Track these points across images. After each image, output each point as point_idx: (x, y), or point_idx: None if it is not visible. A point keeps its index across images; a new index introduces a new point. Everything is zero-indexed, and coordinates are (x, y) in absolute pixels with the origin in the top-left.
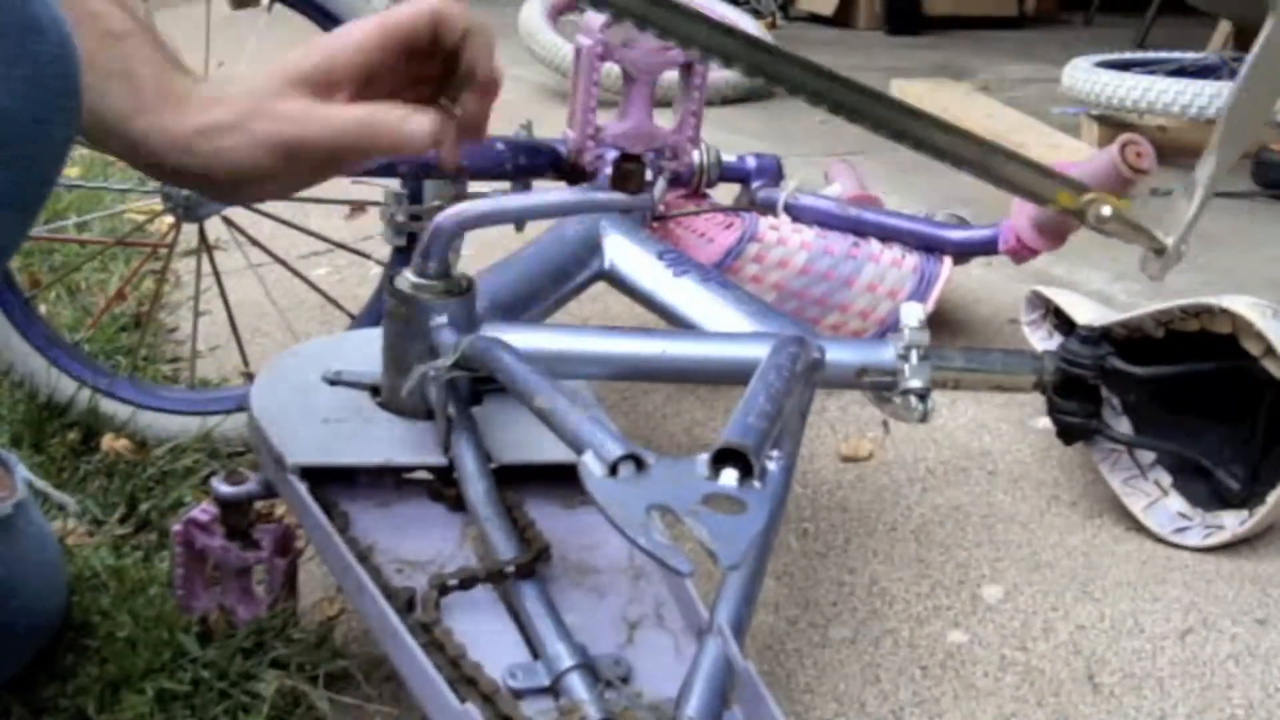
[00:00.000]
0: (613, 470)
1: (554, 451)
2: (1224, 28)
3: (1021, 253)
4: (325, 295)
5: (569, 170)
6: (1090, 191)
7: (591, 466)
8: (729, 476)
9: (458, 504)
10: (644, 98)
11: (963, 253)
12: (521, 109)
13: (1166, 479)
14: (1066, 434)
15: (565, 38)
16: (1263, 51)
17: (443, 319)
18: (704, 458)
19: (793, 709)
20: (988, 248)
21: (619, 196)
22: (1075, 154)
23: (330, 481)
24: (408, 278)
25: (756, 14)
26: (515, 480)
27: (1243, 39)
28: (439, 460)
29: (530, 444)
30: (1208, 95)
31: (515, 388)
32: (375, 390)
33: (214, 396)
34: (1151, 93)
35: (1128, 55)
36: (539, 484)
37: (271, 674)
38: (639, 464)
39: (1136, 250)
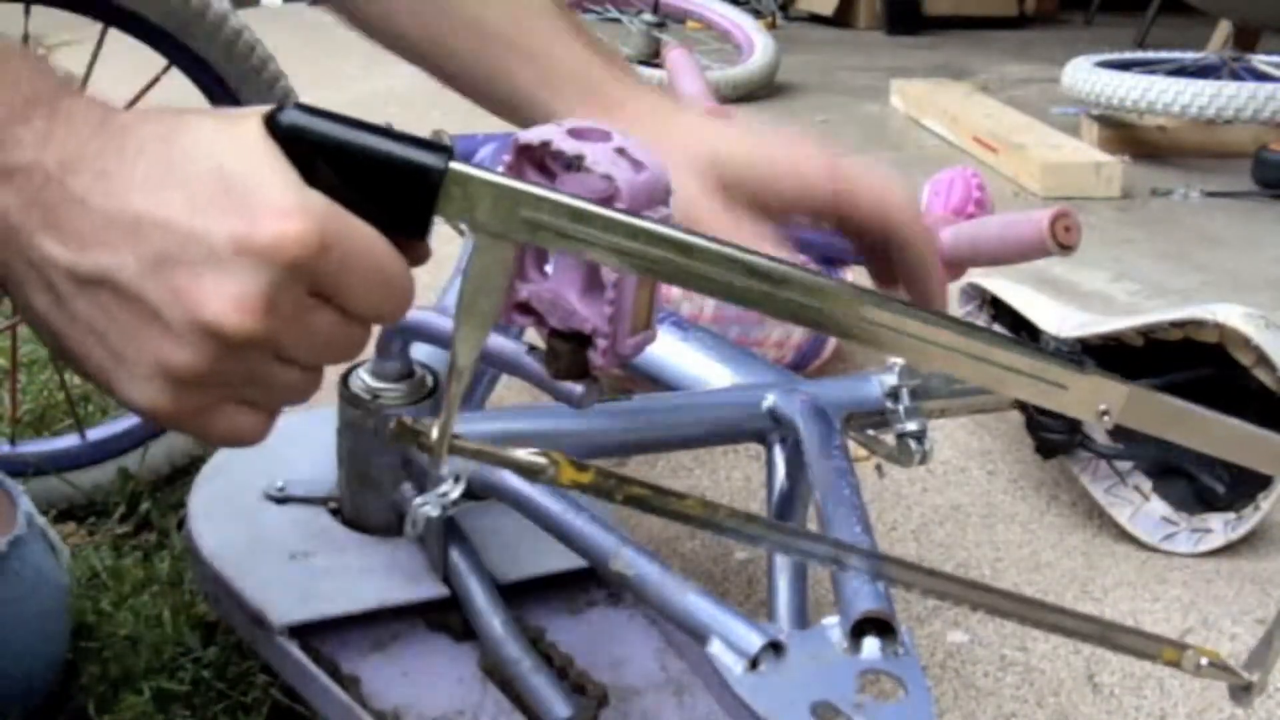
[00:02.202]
0: (753, 664)
1: (557, 560)
2: (1224, 28)
3: None
4: None
5: None
6: (1190, 646)
7: (727, 660)
8: (872, 647)
9: (463, 632)
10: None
11: (862, 263)
12: None
13: (1146, 484)
14: (1046, 450)
15: None
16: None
17: None
18: (834, 625)
19: None
20: None
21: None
22: (1075, 154)
23: (315, 629)
24: (364, 380)
25: (757, 14)
26: (515, 592)
27: (1243, 39)
28: (439, 591)
29: (528, 555)
30: (1208, 95)
31: (578, 546)
32: (330, 505)
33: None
34: (1151, 93)
35: (1128, 55)
36: (537, 589)
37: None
38: (775, 648)
39: (1137, 250)
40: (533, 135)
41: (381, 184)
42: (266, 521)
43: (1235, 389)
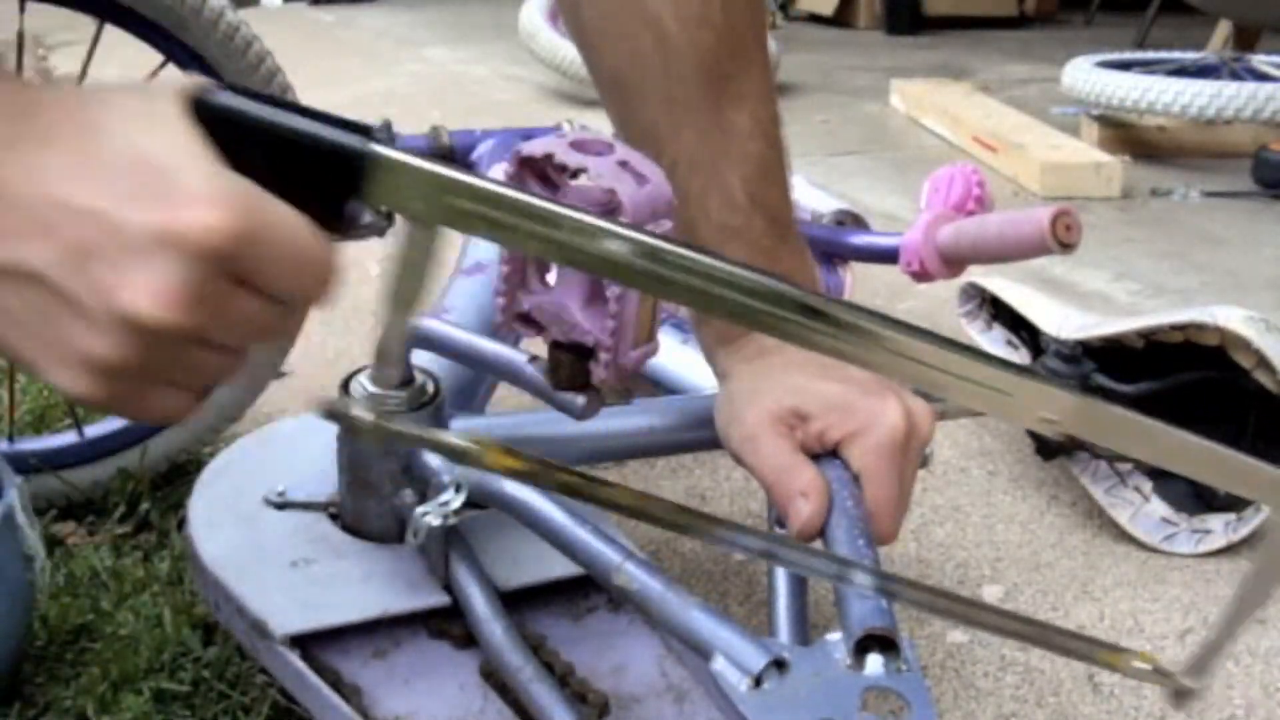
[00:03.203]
0: (756, 682)
1: (558, 567)
2: (1224, 28)
3: (922, 276)
4: None
5: None
6: (1126, 650)
7: (730, 678)
8: (875, 663)
9: (464, 640)
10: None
11: (861, 260)
12: (521, 109)
13: (1146, 484)
14: (1046, 451)
15: (565, 38)
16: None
17: None
18: (837, 641)
19: None
20: (888, 258)
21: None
22: (1075, 154)
23: (315, 637)
24: (365, 387)
25: None
26: (515, 598)
27: (1243, 39)
28: (440, 599)
29: (530, 562)
30: (1207, 95)
31: (580, 559)
32: (330, 511)
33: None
34: (1151, 93)
35: (1128, 55)
36: (538, 596)
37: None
38: (778, 665)
39: (1137, 250)
40: (535, 147)
41: (304, 167)
42: (267, 528)
43: (1235, 391)
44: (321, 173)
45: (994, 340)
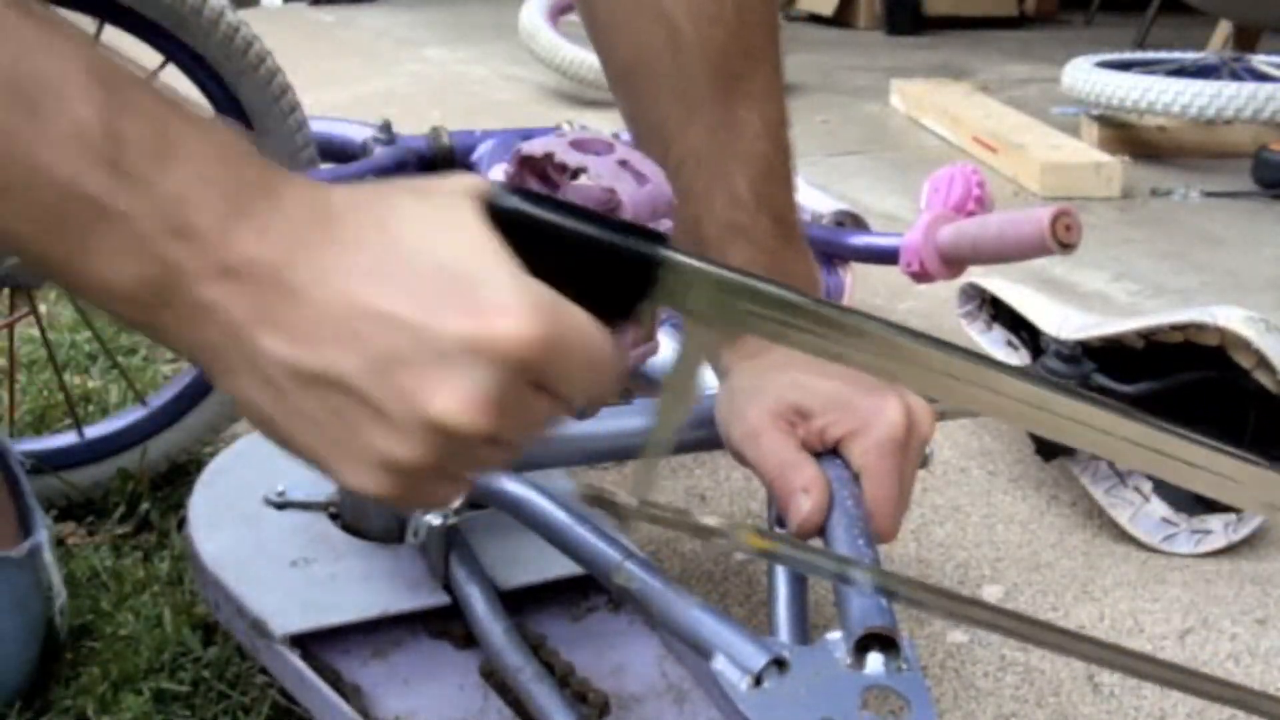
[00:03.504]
0: (756, 680)
1: (558, 567)
2: (1224, 28)
3: (922, 276)
4: None
5: None
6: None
7: (730, 677)
8: (875, 662)
9: (464, 640)
10: None
11: (861, 260)
12: (522, 109)
13: (1146, 484)
14: (1046, 451)
15: (565, 38)
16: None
17: None
18: (838, 641)
19: None
20: (888, 258)
21: None
22: (1075, 154)
23: (315, 637)
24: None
25: None
26: (515, 598)
27: (1243, 39)
28: (440, 599)
29: (530, 561)
30: (1208, 95)
31: (581, 558)
32: (330, 510)
33: None
34: (1151, 93)
35: (1128, 55)
36: (538, 596)
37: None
38: (779, 664)
39: (1137, 250)
40: (535, 146)
41: (596, 269)
42: (266, 527)
43: (1235, 391)
44: (613, 275)
45: (994, 341)
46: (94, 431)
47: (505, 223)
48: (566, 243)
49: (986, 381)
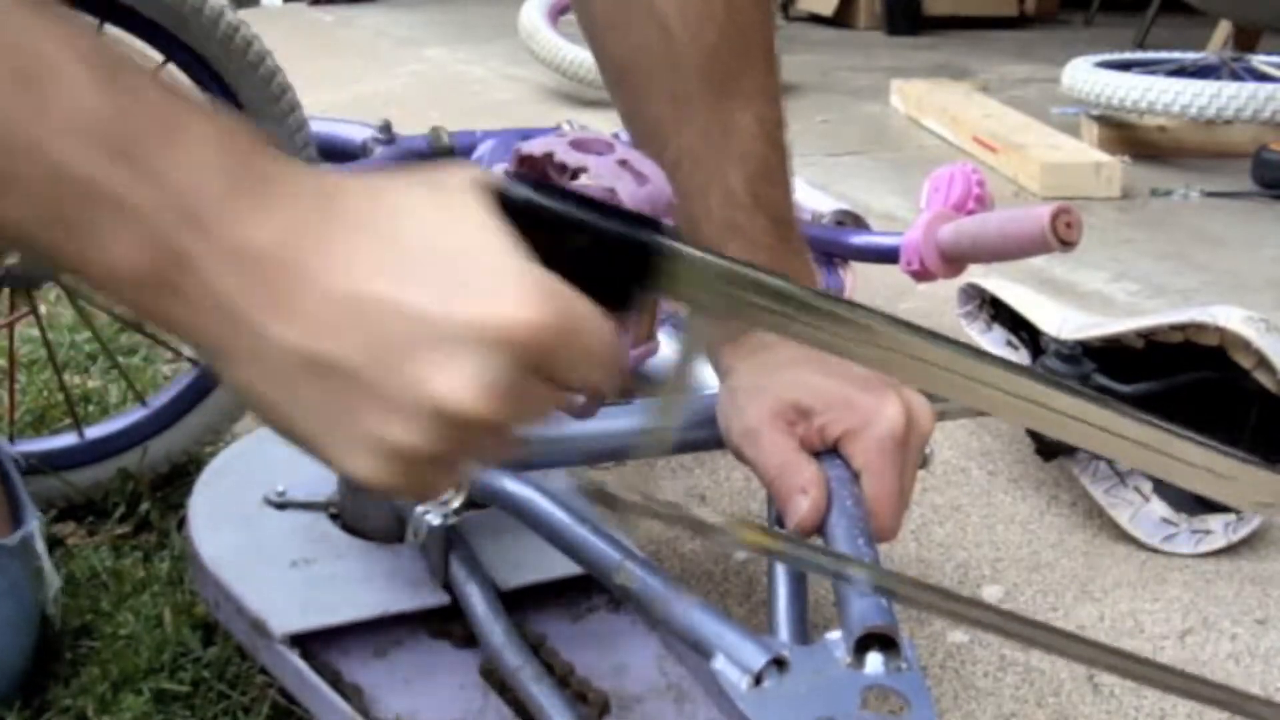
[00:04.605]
0: (756, 680)
1: (558, 567)
2: (1224, 28)
3: (923, 276)
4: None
5: None
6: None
7: (730, 676)
8: (875, 662)
9: (464, 640)
10: None
11: (861, 259)
12: (522, 109)
13: (1146, 484)
14: (1046, 451)
15: (565, 38)
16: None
17: None
18: (837, 640)
19: None
20: (889, 257)
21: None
22: (1075, 154)
23: (316, 637)
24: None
25: None
26: (515, 598)
27: (1243, 39)
28: (440, 599)
29: (530, 561)
30: (1208, 95)
31: (581, 558)
32: (330, 510)
33: None
34: (1151, 93)
35: (1128, 55)
36: (538, 596)
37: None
38: (778, 664)
39: (1137, 250)
40: (535, 146)
41: (597, 257)
42: (267, 527)
43: (1235, 391)
44: (614, 263)
45: (994, 341)
46: (94, 432)
47: (513, 212)
48: (573, 232)
49: (988, 377)
